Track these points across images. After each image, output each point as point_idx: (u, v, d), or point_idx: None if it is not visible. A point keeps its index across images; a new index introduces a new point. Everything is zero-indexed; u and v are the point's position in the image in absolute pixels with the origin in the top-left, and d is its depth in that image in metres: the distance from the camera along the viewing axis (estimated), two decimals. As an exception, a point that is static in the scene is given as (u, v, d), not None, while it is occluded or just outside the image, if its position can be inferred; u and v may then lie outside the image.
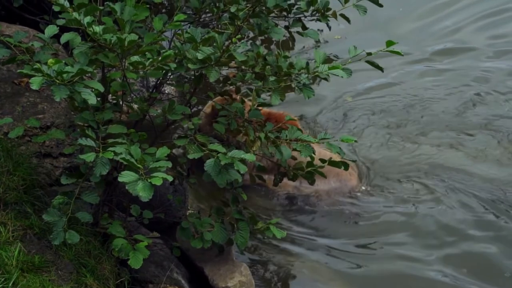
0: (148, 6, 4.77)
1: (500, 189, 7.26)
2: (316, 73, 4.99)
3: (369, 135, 8.03)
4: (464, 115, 8.39)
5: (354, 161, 5.60)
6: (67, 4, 4.57)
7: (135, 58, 4.63)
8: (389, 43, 5.07)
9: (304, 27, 5.87)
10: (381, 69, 5.32)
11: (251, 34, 6.04)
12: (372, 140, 7.93)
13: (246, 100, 6.03)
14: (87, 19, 4.53)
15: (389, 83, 8.77)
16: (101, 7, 4.76)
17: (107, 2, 4.73)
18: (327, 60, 5.04)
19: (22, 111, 6.10)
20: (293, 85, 5.09)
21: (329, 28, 6.00)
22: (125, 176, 4.29)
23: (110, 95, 5.23)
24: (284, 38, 6.19)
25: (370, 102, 8.56)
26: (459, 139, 7.99)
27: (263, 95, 5.61)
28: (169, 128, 5.57)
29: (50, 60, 4.46)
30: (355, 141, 5.24)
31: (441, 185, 7.31)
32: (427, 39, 9.72)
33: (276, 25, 5.37)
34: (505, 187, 7.30)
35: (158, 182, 4.24)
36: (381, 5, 5.61)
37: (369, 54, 5.15)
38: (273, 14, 5.55)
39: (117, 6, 4.65)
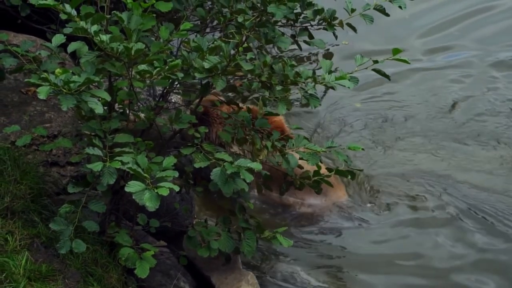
0: (154, 15, 4.79)
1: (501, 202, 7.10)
2: (323, 83, 5.00)
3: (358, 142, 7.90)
4: (456, 120, 8.32)
5: (361, 170, 5.58)
6: (74, 13, 4.58)
7: (142, 67, 4.65)
8: (395, 51, 5.07)
9: (311, 36, 5.88)
10: (388, 77, 5.32)
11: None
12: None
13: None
14: (94, 27, 4.55)
15: (381, 82, 8.64)
16: (108, 16, 4.78)
17: (114, 11, 4.74)
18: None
19: (29, 120, 6.11)
20: (299, 94, 5.10)
21: (336, 37, 6.00)
22: (132, 186, 4.30)
23: (117, 104, 5.25)
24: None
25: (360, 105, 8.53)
26: (450, 147, 7.89)
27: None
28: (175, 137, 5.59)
29: (58, 70, 4.47)
30: (362, 149, 5.24)
31: (438, 200, 7.15)
32: (415, 36, 9.75)
33: (283, 34, 5.39)
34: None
35: (164, 192, 4.24)
36: (387, 15, 5.61)
37: (375, 62, 5.15)
38: (279, 23, 5.55)
39: (124, 15, 4.66)
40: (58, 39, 5.08)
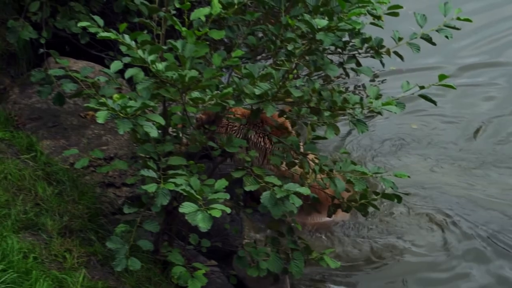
0: (208, 43, 4.93)
1: None
2: (370, 108, 5.11)
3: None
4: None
5: (407, 194, 5.63)
6: (133, 44, 4.76)
7: (196, 94, 4.79)
8: (442, 76, 5.15)
9: (359, 64, 5.96)
10: (434, 102, 5.39)
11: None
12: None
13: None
14: (151, 57, 4.72)
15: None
16: (165, 47, 4.94)
17: (169, 40, 4.90)
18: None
19: (87, 142, 6.30)
20: (347, 120, 5.21)
21: (383, 65, 6.06)
22: (186, 207, 4.45)
23: (171, 128, 5.41)
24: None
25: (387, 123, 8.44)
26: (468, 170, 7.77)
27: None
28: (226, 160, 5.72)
29: (115, 95, 4.63)
30: (408, 176, 5.29)
31: (453, 226, 7.03)
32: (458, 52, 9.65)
33: (331, 61, 5.48)
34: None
35: (217, 214, 4.39)
36: (434, 44, 5.66)
37: (421, 87, 5.24)
38: (327, 51, 5.64)
39: (178, 43, 4.80)
40: (116, 65, 5.18)
